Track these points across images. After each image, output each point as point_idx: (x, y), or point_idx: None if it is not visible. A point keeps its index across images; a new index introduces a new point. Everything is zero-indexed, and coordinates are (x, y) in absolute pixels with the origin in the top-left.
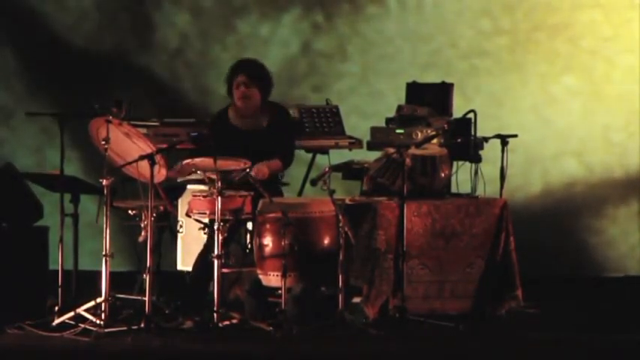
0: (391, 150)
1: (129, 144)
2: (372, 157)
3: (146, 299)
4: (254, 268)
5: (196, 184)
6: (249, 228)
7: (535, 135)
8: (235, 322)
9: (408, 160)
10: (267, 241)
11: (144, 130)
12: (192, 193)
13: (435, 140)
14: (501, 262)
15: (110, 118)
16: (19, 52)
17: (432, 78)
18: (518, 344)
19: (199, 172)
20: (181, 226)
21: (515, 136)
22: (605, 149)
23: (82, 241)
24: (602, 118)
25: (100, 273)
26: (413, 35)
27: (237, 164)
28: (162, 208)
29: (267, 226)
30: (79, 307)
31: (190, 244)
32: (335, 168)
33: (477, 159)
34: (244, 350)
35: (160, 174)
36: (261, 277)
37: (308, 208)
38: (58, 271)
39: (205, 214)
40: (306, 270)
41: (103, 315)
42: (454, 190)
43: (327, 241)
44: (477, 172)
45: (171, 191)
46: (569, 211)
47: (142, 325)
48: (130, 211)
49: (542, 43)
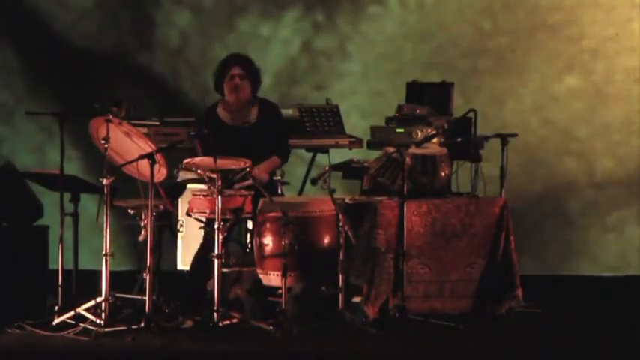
0: (391, 149)
1: (129, 143)
2: (372, 156)
3: (146, 299)
4: (254, 267)
5: (197, 183)
6: (249, 227)
7: (535, 135)
8: (235, 321)
9: (408, 160)
10: (268, 241)
11: (144, 130)
12: (193, 192)
13: (435, 140)
14: (501, 262)
15: (110, 117)
16: (19, 51)
17: (433, 77)
18: (518, 344)
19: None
20: (181, 226)
21: (516, 136)
22: (606, 149)
23: (82, 241)
24: (602, 117)
25: (100, 272)
26: (413, 34)
27: (237, 164)
28: (162, 207)
29: (268, 226)
30: (79, 306)
31: (190, 243)
32: (335, 167)
33: (477, 158)
34: (244, 350)
35: (160, 173)
36: (262, 276)
37: (308, 207)
38: (58, 271)
39: (205, 213)
40: (307, 269)
41: (103, 314)
42: (454, 190)
43: (327, 241)
44: (477, 171)
45: (172, 190)
46: (569, 211)
47: (142, 325)
48: (130, 211)
49: (542, 42)
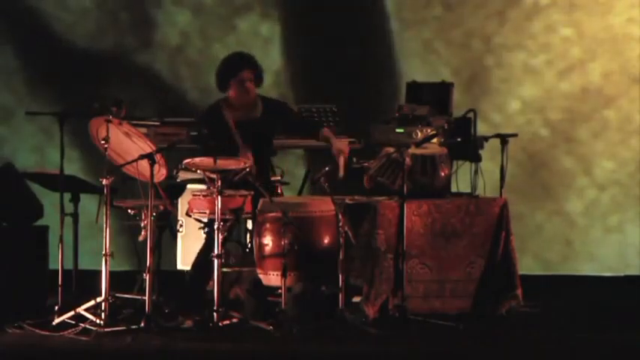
0: (391, 149)
1: (129, 143)
2: (372, 156)
3: (146, 299)
4: (254, 267)
5: (197, 183)
6: (249, 227)
7: (535, 135)
8: (235, 321)
9: (408, 160)
10: (267, 241)
11: (144, 130)
12: (192, 192)
13: (435, 140)
14: (501, 262)
15: (110, 117)
16: (19, 51)
17: (433, 77)
18: (518, 344)
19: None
20: (181, 226)
21: (516, 135)
22: (606, 149)
23: (82, 241)
24: (602, 117)
25: (100, 272)
26: (413, 34)
27: (237, 164)
28: (162, 207)
29: (267, 226)
30: (79, 306)
31: (190, 243)
32: (335, 167)
33: (476, 158)
34: (244, 350)
35: (160, 173)
36: (261, 276)
37: (308, 207)
38: (58, 271)
39: (205, 213)
40: (306, 269)
41: (103, 314)
42: (454, 190)
43: (327, 241)
44: (476, 171)
45: (171, 190)
46: (569, 211)
47: (142, 325)
48: (130, 211)
49: (542, 42)
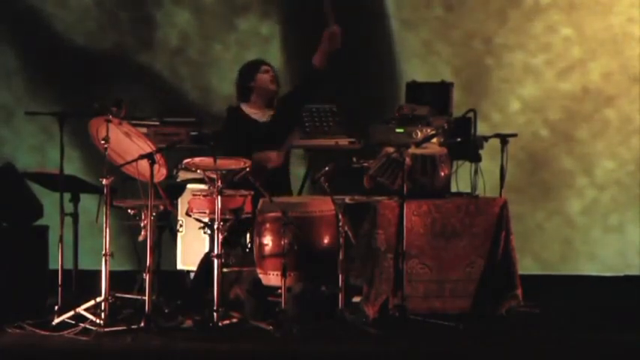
0: (391, 149)
1: (129, 143)
2: (372, 156)
3: (146, 299)
4: (254, 267)
5: (197, 183)
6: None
7: (535, 135)
8: (235, 321)
9: (408, 160)
10: (267, 241)
11: (144, 130)
12: (192, 192)
13: (435, 140)
14: (501, 262)
15: (110, 117)
16: (19, 51)
17: (433, 77)
18: (518, 344)
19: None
20: (181, 226)
21: (515, 136)
22: (606, 149)
23: (82, 241)
24: (602, 117)
25: (100, 272)
26: (414, 33)
27: (237, 164)
28: (162, 207)
29: (267, 226)
30: (79, 306)
31: (190, 243)
32: (335, 167)
33: (476, 158)
34: (244, 350)
35: (160, 173)
36: (261, 276)
37: (308, 207)
38: (58, 271)
39: (205, 213)
40: (306, 269)
41: (103, 314)
42: (454, 190)
43: (326, 241)
44: (476, 171)
45: (171, 190)
46: (569, 211)
47: (142, 325)
48: (130, 211)
49: (542, 41)
